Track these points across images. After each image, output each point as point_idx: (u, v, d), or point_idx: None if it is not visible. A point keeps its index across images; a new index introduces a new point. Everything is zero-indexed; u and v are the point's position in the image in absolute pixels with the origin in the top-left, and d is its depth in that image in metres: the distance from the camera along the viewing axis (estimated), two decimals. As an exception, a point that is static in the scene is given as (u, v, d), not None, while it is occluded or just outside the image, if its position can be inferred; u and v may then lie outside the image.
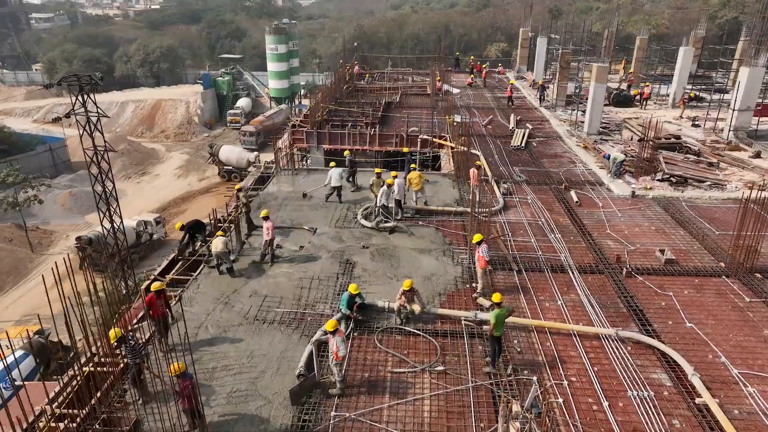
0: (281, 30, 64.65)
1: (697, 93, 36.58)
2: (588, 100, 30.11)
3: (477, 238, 14.14)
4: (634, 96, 37.41)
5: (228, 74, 69.09)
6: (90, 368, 10.20)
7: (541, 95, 37.61)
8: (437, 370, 11.57)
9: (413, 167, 21.76)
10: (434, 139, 27.98)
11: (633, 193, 21.37)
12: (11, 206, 36.83)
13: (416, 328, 12.96)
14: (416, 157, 26.85)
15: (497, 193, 20.95)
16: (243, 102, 65.96)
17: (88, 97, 23.20)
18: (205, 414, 9.91)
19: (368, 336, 12.81)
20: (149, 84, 76.88)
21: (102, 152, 23.27)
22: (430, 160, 28.26)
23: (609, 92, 34.65)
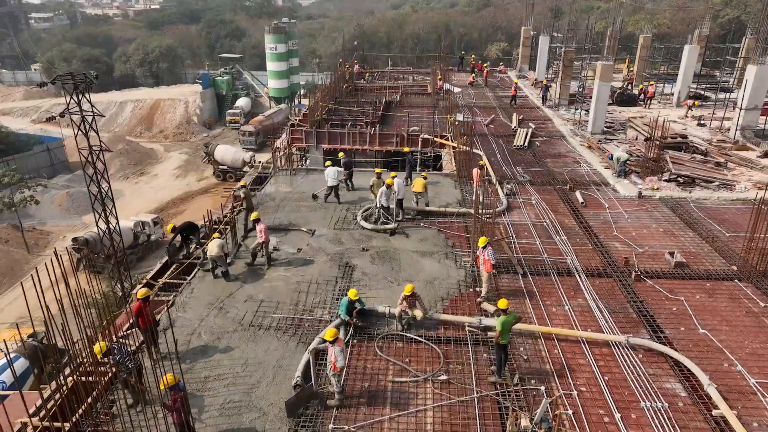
0: (281, 29, 64.30)
1: (702, 92, 36.06)
2: (592, 99, 29.62)
3: (483, 242, 13.64)
4: (639, 94, 36.86)
5: (227, 74, 68.63)
6: (76, 377, 9.71)
7: (545, 94, 37.09)
8: (440, 380, 11.07)
9: (425, 175, 19.98)
10: (435, 139, 27.50)
11: (640, 194, 20.87)
12: (7, 207, 36.36)
13: (418, 335, 12.45)
14: (417, 157, 26.37)
15: (500, 194, 20.48)
16: (242, 102, 65.51)
17: (83, 96, 22.75)
18: (196, 428, 9.42)
19: (368, 343, 12.32)
20: (148, 84, 76.38)
21: (97, 152, 22.82)
22: (431, 160, 27.78)
23: (612, 91, 34.12)
